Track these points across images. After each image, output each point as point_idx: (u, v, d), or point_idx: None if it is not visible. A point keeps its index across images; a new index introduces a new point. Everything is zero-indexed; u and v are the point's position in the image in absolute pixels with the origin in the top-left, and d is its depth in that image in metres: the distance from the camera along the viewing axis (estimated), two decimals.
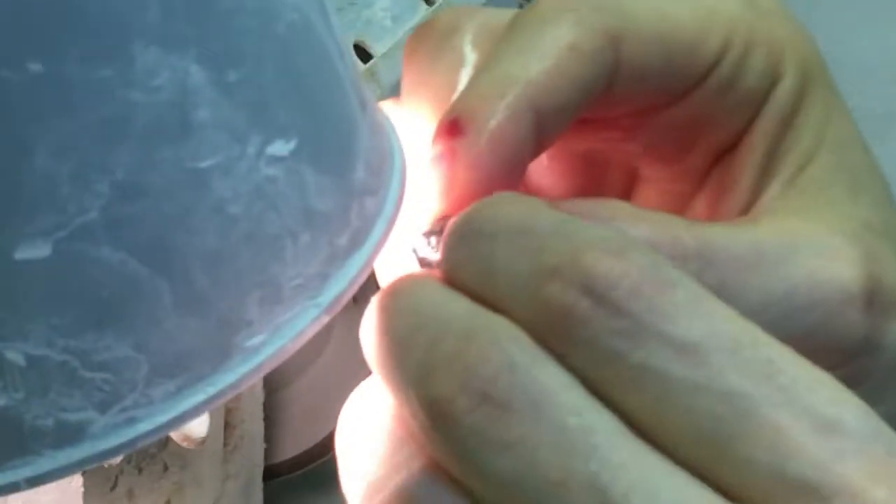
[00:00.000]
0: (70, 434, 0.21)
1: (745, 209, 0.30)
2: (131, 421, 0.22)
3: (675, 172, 0.31)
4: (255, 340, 0.22)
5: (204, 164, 0.21)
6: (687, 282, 0.22)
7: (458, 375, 0.21)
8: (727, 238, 0.26)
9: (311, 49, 0.24)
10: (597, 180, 0.33)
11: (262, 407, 0.70)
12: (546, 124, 0.27)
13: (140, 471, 0.55)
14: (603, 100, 0.28)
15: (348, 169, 0.24)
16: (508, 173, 0.27)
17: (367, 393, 0.25)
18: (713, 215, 0.30)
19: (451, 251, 0.24)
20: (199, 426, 0.48)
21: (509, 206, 0.24)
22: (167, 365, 0.22)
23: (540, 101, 0.27)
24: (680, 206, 0.32)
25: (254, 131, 0.22)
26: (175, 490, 0.59)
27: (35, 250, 0.20)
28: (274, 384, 0.73)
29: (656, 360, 0.21)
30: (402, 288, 0.24)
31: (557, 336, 0.22)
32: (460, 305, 0.23)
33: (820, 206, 0.29)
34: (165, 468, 0.58)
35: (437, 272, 0.25)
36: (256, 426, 0.69)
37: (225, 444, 0.65)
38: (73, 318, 0.21)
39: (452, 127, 0.26)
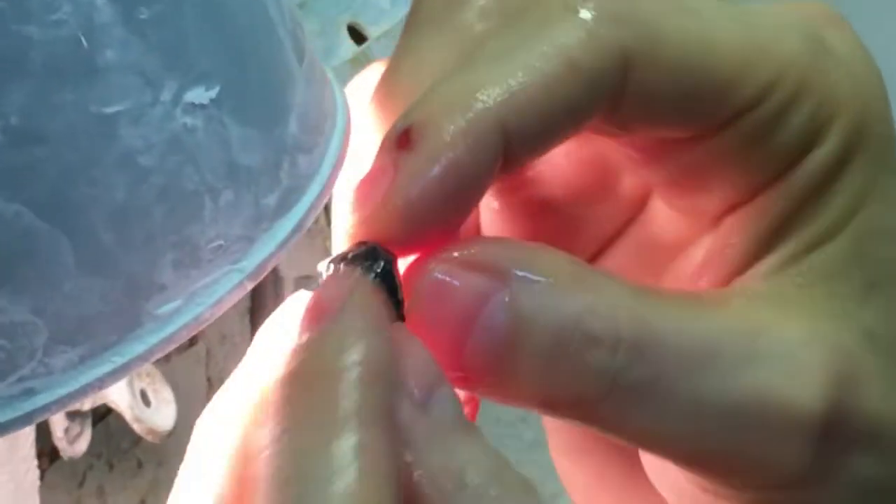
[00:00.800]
0: None
1: (736, 273, 0.26)
2: (29, 392, 0.20)
3: (688, 205, 0.27)
4: (169, 307, 0.21)
5: (111, 110, 0.20)
6: None
7: None
8: (676, 325, 0.23)
9: None
10: (609, 184, 0.29)
11: None
12: (517, 148, 0.23)
13: (111, 467, 0.53)
14: (601, 123, 0.24)
15: (279, 122, 0.22)
16: (455, 204, 0.23)
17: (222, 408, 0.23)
18: (708, 266, 0.26)
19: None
20: (164, 419, 0.46)
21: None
22: (69, 331, 0.20)
23: (512, 123, 0.22)
24: (688, 236, 0.27)
25: (169, 76, 0.21)
26: (150, 489, 0.57)
27: None
28: None
29: None
30: (327, 369, 0.21)
31: None
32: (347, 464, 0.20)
33: (814, 299, 0.25)
34: (140, 465, 0.56)
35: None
36: None
37: None
38: None
39: (402, 137, 0.23)
